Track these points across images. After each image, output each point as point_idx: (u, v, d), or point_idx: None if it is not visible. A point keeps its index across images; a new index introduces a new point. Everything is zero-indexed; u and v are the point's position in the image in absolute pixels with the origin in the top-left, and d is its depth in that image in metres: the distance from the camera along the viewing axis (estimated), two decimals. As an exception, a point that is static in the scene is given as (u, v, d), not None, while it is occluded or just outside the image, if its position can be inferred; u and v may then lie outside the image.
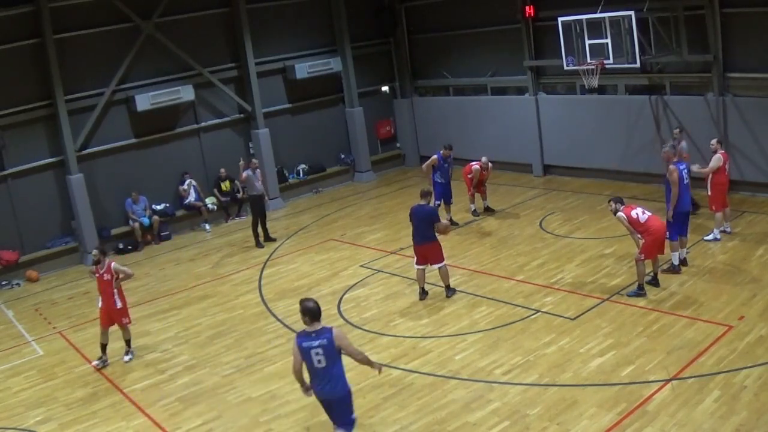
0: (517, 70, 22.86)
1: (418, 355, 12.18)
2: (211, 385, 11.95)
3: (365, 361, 8.83)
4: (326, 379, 8.52)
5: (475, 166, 19.31)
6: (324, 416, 10.51)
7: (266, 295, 15.93)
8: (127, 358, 13.23)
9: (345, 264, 17.16)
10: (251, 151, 22.90)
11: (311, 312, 8.46)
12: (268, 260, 18.22)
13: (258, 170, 19.39)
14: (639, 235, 13.05)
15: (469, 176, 19.35)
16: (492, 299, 14.09)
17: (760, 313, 11.97)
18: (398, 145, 27.06)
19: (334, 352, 8.40)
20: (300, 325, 13.62)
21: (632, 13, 17.11)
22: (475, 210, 19.68)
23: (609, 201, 13.61)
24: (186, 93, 21.17)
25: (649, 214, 13.13)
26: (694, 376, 10.29)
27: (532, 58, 22.30)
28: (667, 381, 10.27)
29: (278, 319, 14.45)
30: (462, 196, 19.86)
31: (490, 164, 19.63)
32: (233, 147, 22.96)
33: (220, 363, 12.77)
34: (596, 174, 21.38)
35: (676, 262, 14.12)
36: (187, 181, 21.70)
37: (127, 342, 13.36)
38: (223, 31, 22.50)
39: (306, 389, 8.89)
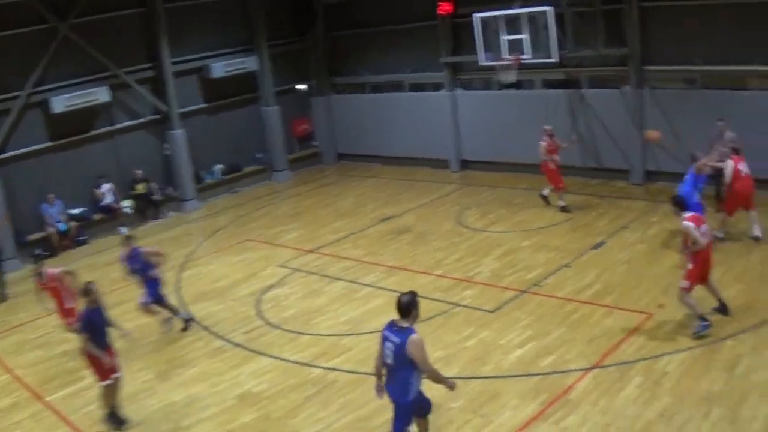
0: (435, 67, 22.83)
1: (339, 353, 12.00)
2: (132, 391, 11.49)
3: (435, 378, 8.21)
4: (392, 378, 8.15)
5: (542, 142, 17.59)
6: (245, 418, 10.33)
7: (185, 297, 15.48)
8: None
9: (263, 264, 16.83)
10: (166, 152, 22.41)
11: (397, 307, 7.99)
12: (185, 262, 17.73)
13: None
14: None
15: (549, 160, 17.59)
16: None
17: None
18: (315, 143, 26.82)
19: (403, 356, 7.86)
20: (224, 327, 13.51)
21: (551, 8, 17.19)
22: (564, 206, 17.77)
23: None
24: (101, 94, 20.61)
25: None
26: (615, 364, 10.33)
27: (448, 54, 22.29)
28: (588, 369, 10.28)
29: (197, 322, 14.00)
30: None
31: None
32: (149, 148, 22.49)
33: (139, 368, 12.32)
34: (513, 168, 21.43)
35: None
36: (104, 185, 21.10)
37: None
38: (140, 31, 21.91)
39: (378, 388, 8.39)
